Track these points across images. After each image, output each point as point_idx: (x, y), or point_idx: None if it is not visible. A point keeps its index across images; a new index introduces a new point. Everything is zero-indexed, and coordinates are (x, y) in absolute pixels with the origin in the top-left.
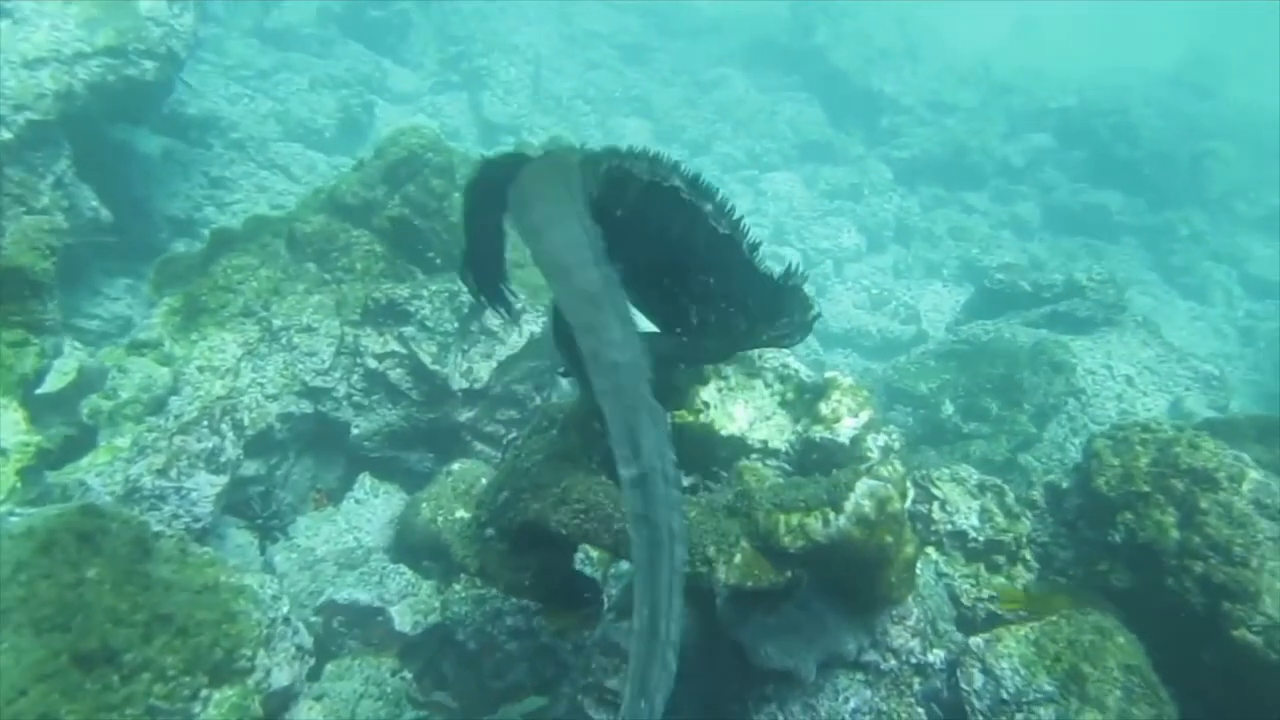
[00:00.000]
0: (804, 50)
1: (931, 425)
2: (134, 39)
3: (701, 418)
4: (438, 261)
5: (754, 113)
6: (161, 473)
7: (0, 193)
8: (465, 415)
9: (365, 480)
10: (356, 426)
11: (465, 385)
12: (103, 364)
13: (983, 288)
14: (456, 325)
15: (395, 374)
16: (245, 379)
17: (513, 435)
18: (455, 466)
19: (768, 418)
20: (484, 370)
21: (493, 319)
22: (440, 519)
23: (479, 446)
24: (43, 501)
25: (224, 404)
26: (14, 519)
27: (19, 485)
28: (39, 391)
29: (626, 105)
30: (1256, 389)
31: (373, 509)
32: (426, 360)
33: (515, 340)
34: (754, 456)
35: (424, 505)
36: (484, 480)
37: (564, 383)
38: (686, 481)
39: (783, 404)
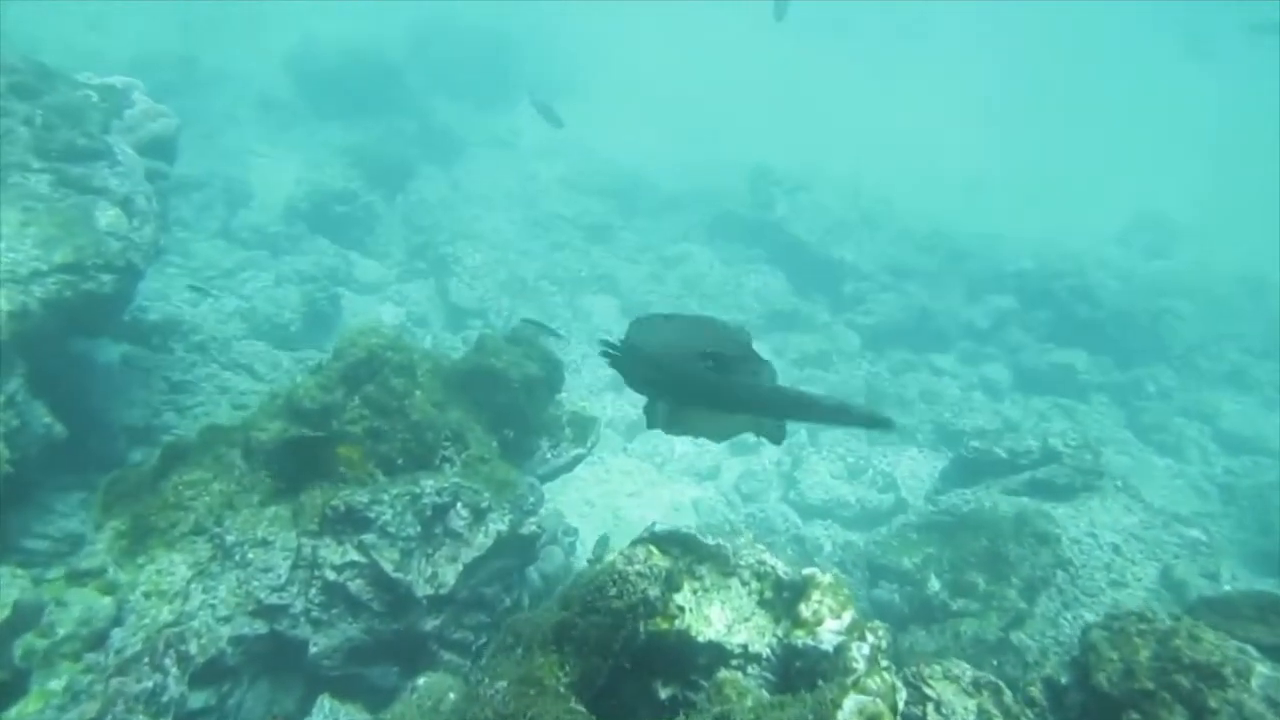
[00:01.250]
0: (764, 223)
1: (918, 603)
2: (93, 254)
3: (677, 624)
4: (399, 462)
5: (719, 285)
6: None
7: None
8: (431, 624)
9: (325, 703)
10: (315, 644)
11: (430, 592)
12: (40, 597)
13: (959, 456)
14: (419, 529)
15: (355, 585)
16: (195, 602)
17: (483, 641)
18: (421, 681)
19: (746, 619)
20: (449, 574)
21: (457, 520)
22: None
23: (447, 656)
24: None
25: (169, 634)
26: None
27: None
28: None
29: (593, 284)
30: (1244, 548)
31: None
32: (388, 568)
33: (482, 541)
34: (734, 663)
35: None
36: (452, 695)
37: (535, 578)
38: (664, 693)
39: (761, 603)
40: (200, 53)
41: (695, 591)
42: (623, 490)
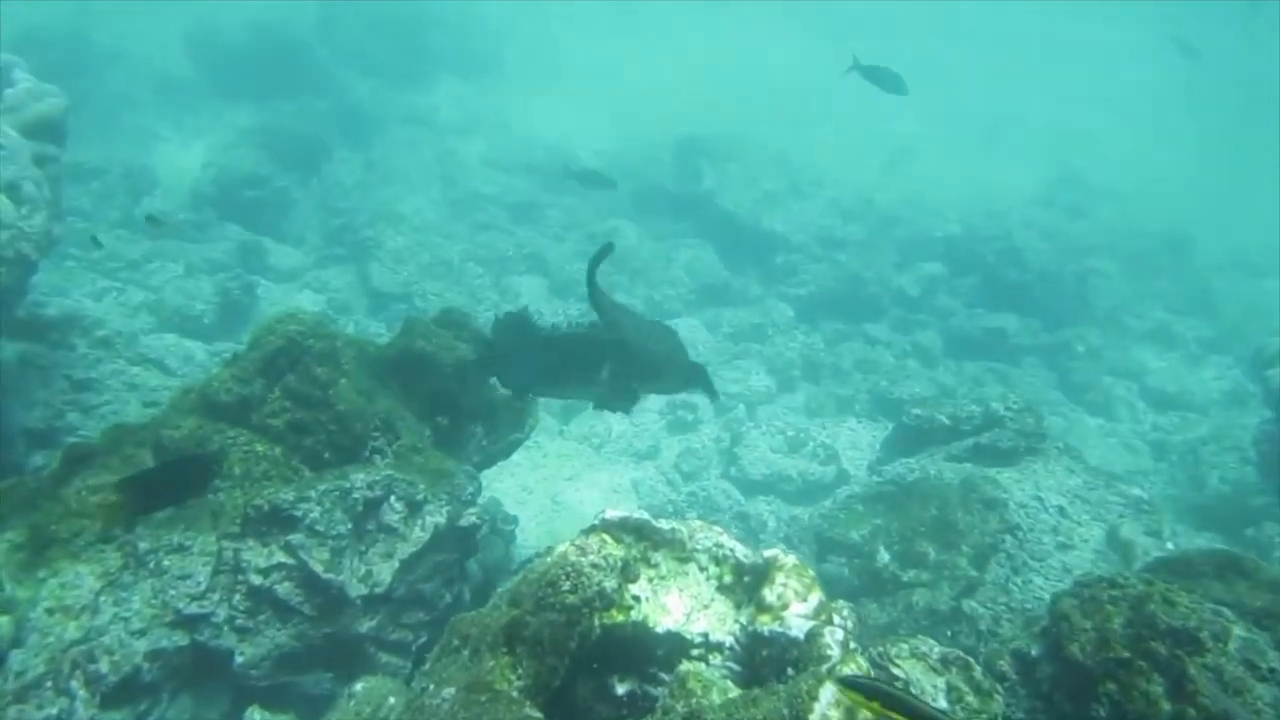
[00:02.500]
0: (692, 196)
1: (868, 575)
2: None
3: (633, 614)
4: (326, 455)
5: (649, 261)
6: None
7: None
8: (367, 625)
9: (254, 715)
10: (241, 654)
11: (365, 591)
12: None
13: (901, 424)
14: (350, 526)
15: (283, 588)
16: (106, 616)
17: (423, 640)
18: (358, 687)
19: (706, 606)
20: (385, 572)
21: (391, 514)
22: None
23: (385, 658)
24: None
25: (76, 652)
26: None
27: None
28: None
29: (520, 264)
30: (1178, 504)
31: None
32: (318, 569)
33: (419, 535)
34: (695, 654)
35: None
36: (392, 699)
37: (476, 570)
38: (622, 689)
39: (721, 589)
40: (92, 30)
41: (651, 580)
42: (560, 474)
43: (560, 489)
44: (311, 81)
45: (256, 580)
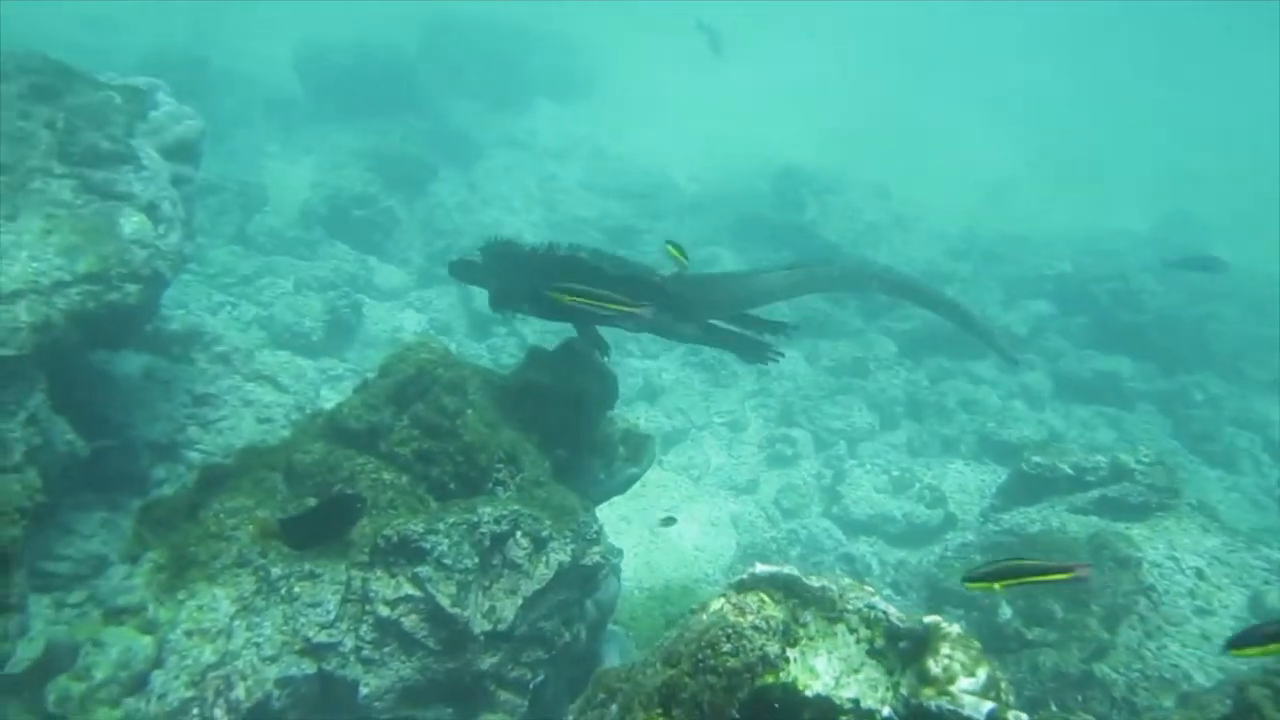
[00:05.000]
0: (793, 226)
1: (989, 630)
2: (117, 264)
3: (782, 676)
4: (451, 486)
5: None
6: None
7: None
8: (488, 662)
9: None
10: (366, 685)
11: (488, 627)
12: (74, 638)
13: (1019, 472)
14: (477, 560)
15: (410, 621)
16: (239, 640)
17: (540, 679)
18: None
19: (856, 670)
20: (508, 609)
21: (516, 550)
22: None
23: (503, 696)
24: None
25: (217, 678)
26: None
27: None
28: None
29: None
30: None
31: None
32: (445, 603)
33: (542, 572)
34: None
35: None
36: None
37: (590, 607)
38: None
39: (872, 653)
40: (209, 52)
41: (799, 641)
42: (659, 505)
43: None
44: (414, 103)
45: (384, 611)
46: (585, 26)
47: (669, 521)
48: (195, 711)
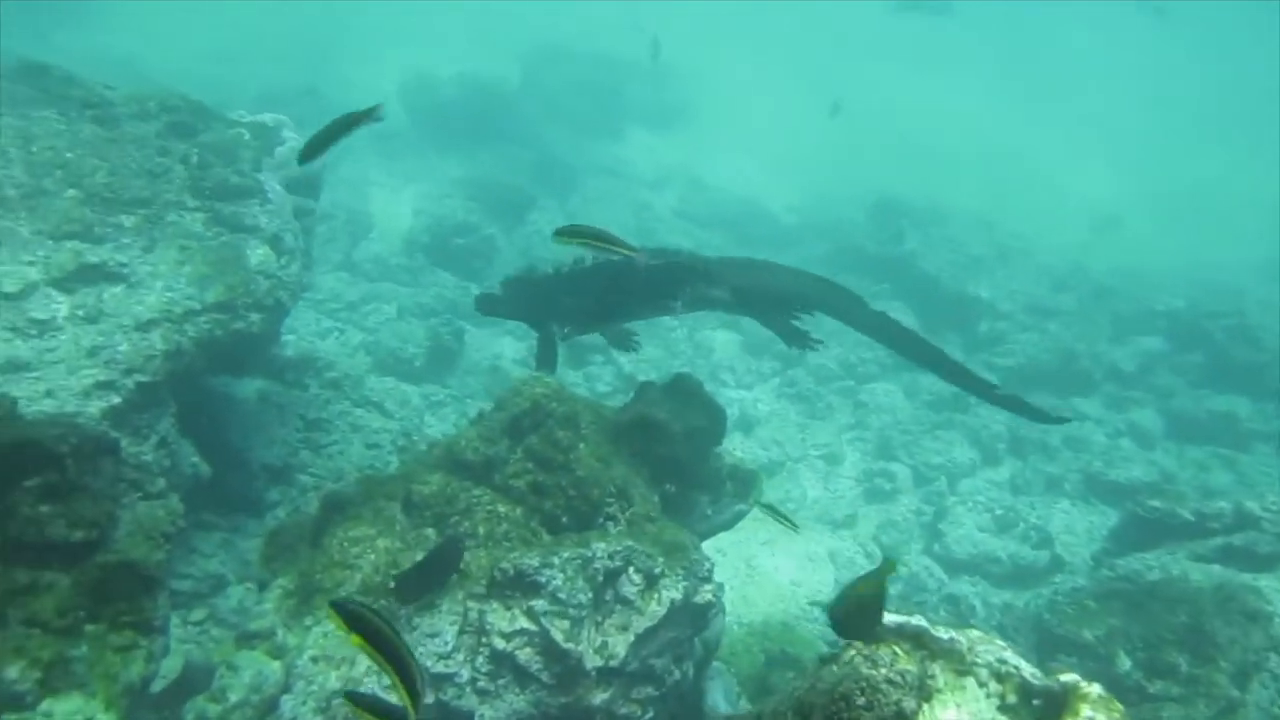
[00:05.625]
0: (893, 257)
1: (1107, 681)
2: (242, 293)
3: None
4: (564, 520)
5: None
6: None
7: (117, 478)
8: (600, 697)
9: None
10: (481, 716)
11: (600, 663)
12: (210, 659)
13: (1134, 515)
14: (590, 595)
15: (524, 654)
16: (361, 667)
17: (649, 716)
18: None
19: None
20: (620, 645)
21: (629, 586)
22: None
23: None
24: None
25: (340, 704)
26: None
27: None
28: None
29: (713, 319)
30: None
31: None
32: (559, 638)
33: (655, 609)
34: None
35: None
36: None
37: (698, 646)
38: None
39: (1003, 709)
40: (320, 85)
41: (931, 695)
42: (755, 539)
43: (755, 553)
44: (514, 133)
45: (499, 644)
46: (680, 55)
47: None
48: None
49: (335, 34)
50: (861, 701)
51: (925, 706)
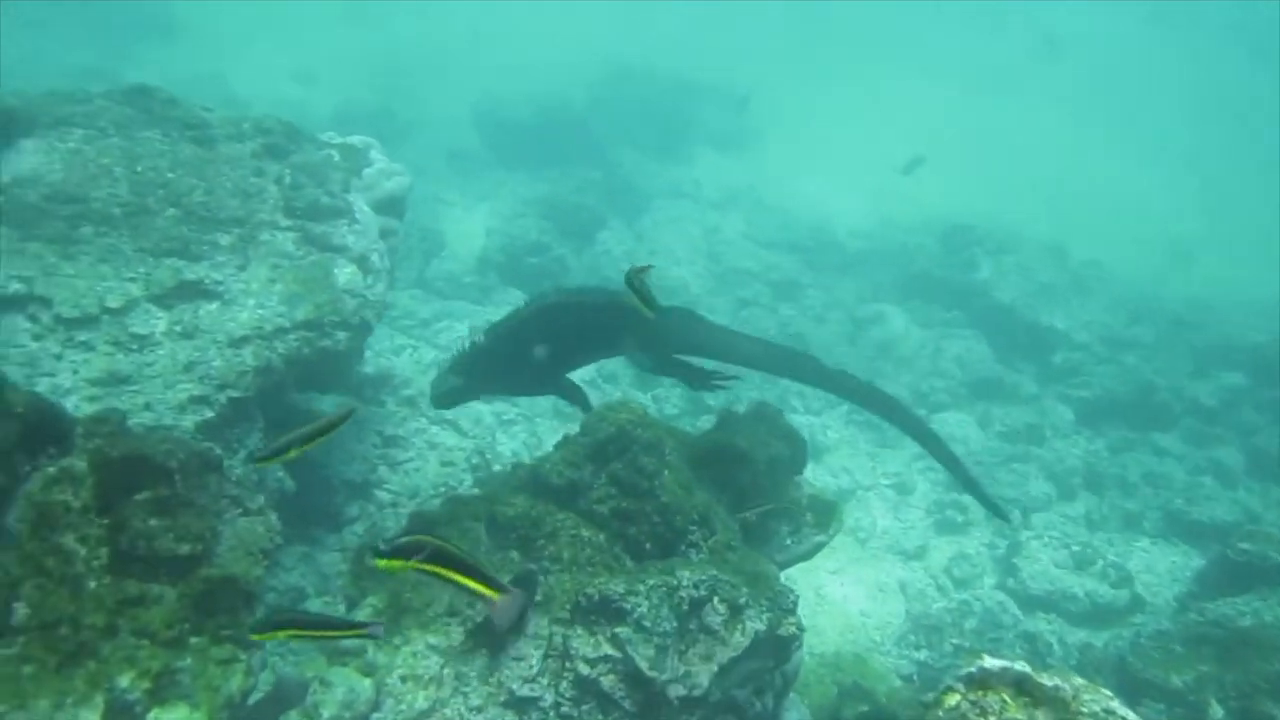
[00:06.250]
0: (965, 285)
1: None
2: (330, 311)
3: None
4: (647, 546)
5: (916, 350)
6: None
7: (220, 494)
8: None
9: None
10: None
11: (683, 693)
12: (303, 674)
13: (1224, 558)
14: (675, 624)
15: (608, 681)
16: (448, 689)
17: None
18: None
19: None
20: (703, 675)
21: (713, 616)
22: None
23: None
24: None
25: None
26: None
27: None
28: None
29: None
30: None
31: None
32: (643, 665)
33: (738, 640)
34: None
35: None
36: None
37: (779, 677)
38: None
39: None
40: (395, 105)
41: None
42: (824, 567)
43: (823, 582)
44: (585, 154)
45: (584, 670)
46: (749, 78)
47: None
48: None
49: (410, 55)
50: None
51: None
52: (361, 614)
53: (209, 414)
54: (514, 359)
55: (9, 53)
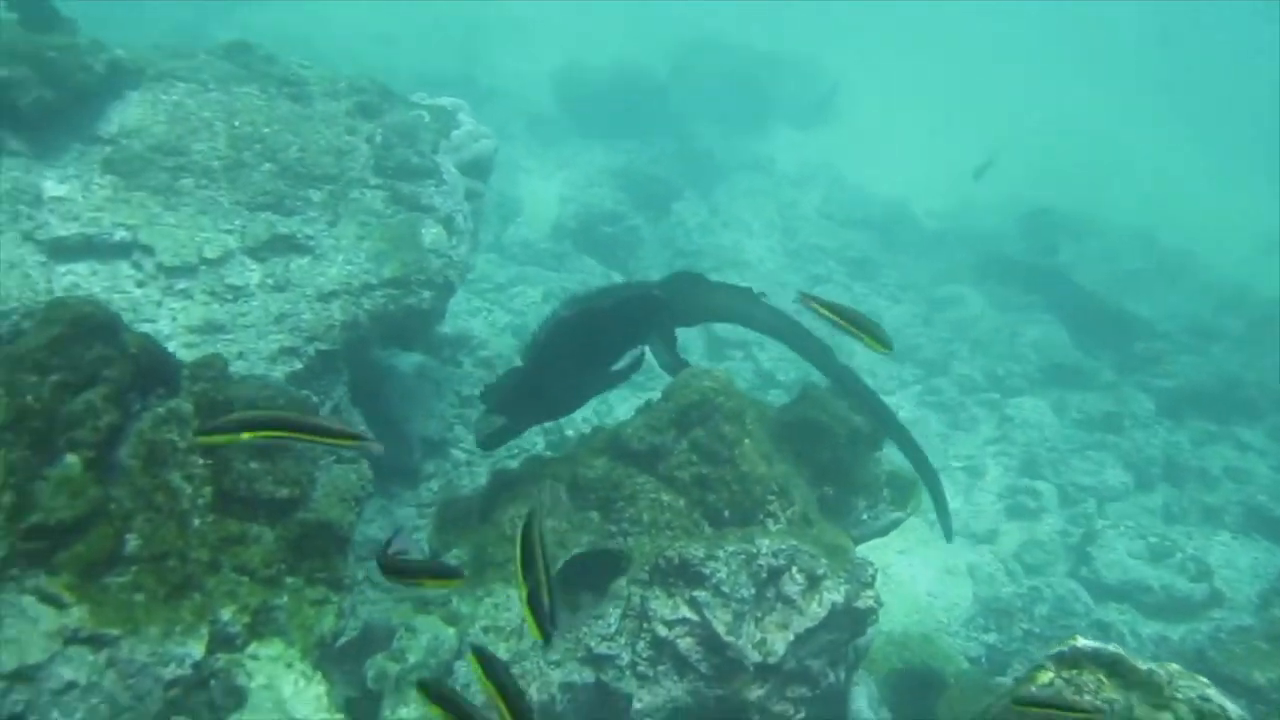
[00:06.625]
0: (1044, 269)
1: None
2: (416, 270)
3: None
4: (726, 514)
5: (992, 333)
6: None
7: None
8: (755, 693)
9: None
10: (639, 700)
11: (758, 659)
12: (389, 619)
13: None
14: (753, 591)
15: (685, 643)
16: (528, 641)
17: (801, 716)
18: None
19: None
20: (779, 643)
21: (791, 585)
22: None
23: None
24: None
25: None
26: None
27: None
28: None
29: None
30: None
31: None
32: (720, 629)
33: (815, 610)
34: None
35: None
36: None
37: (851, 650)
38: None
39: None
40: (476, 72)
41: None
42: (893, 546)
43: (891, 561)
44: (663, 125)
45: (661, 631)
46: (832, 54)
47: None
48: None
49: (491, 22)
50: None
51: None
52: None
53: (298, 365)
54: (547, 385)
55: (114, 5)
